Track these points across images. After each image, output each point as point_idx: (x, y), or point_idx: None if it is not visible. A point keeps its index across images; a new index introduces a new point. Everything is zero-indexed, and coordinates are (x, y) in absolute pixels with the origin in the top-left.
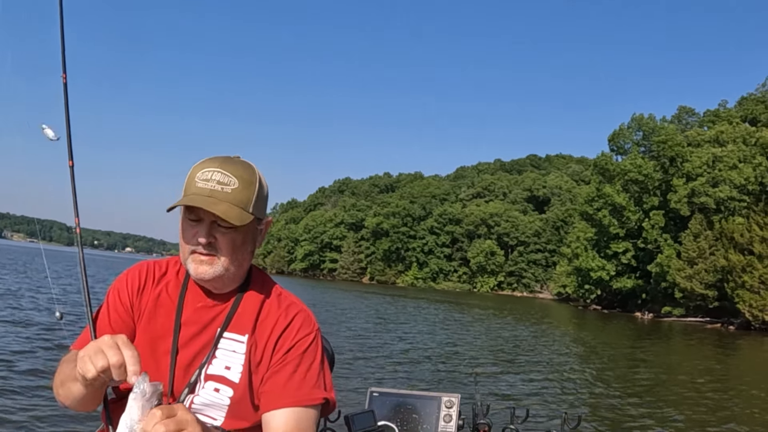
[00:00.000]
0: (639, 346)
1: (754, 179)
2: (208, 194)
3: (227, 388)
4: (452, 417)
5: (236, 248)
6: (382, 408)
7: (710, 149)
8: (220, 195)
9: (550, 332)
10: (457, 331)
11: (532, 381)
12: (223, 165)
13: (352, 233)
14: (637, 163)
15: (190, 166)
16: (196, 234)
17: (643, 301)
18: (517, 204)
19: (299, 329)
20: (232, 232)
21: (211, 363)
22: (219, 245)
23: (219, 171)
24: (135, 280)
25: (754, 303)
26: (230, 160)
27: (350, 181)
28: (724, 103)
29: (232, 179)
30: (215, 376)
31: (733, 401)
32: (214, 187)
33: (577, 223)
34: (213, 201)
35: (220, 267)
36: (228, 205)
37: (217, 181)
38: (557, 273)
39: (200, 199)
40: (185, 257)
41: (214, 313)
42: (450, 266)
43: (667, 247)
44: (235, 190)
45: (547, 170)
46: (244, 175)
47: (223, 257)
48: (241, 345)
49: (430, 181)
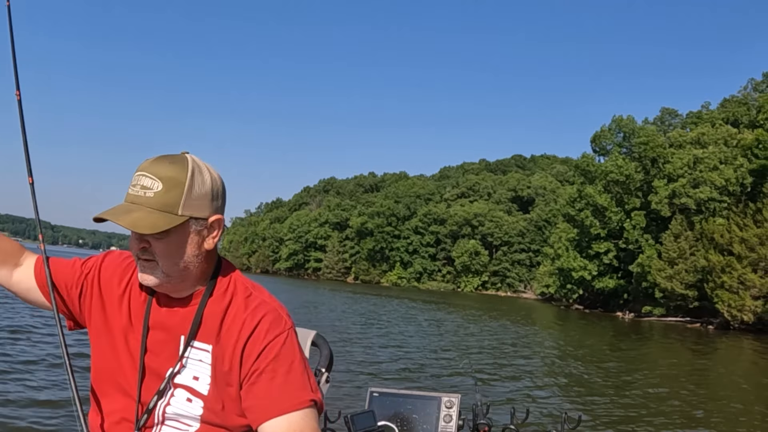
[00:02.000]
0: (621, 346)
1: (735, 180)
2: (132, 200)
3: (198, 400)
4: (452, 417)
5: (172, 253)
6: (382, 408)
7: (692, 150)
8: (141, 200)
9: (537, 332)
10: (450, 331)
11: (530, 381)
12: (151, 167)
13: (336, 233)
14: (619, 164)
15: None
16: (132, 240)
17: (624, 301)
18: (501, 204)
19: (267, 332)
20: (164, 236)
21: (179, 372)
22: (154, 250)
23: (145, 174)
24: (110, 264)
25: (733, 303)
26: (162, 160)
27: (335, 181)
28: (707, 104)
29: (156, 182)
30: (184, 386)
31: (709, 402)
32: (138, 193)
33: (560, 223)
34: (125, 210)
35: (160, 273)
36: (145, 211)
37: (141, 186)
38: (540, 273)
39: (112, 211)
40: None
41: (180, 318)
42: (434, 266)
43: (648, 247)
44: (158, 194)
45: (531, 170)
46: (171, 176)
47: (161, 263)
48: (207, 354)
49: (415, 181)
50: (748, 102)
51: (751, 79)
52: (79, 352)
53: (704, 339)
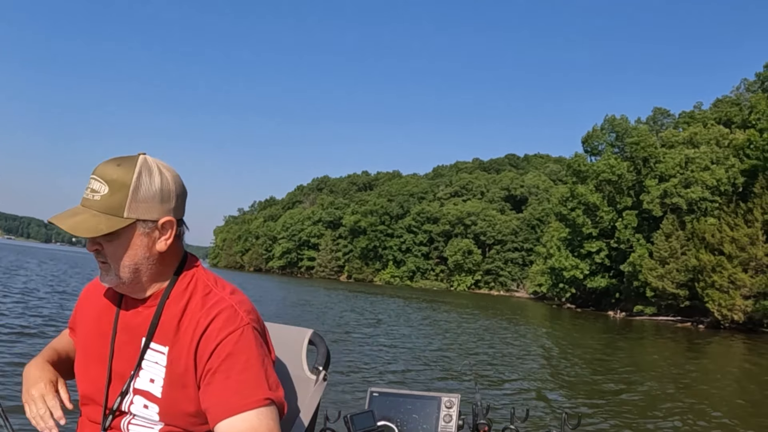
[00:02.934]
0: (615, 345)
1: (727, 180)
2: (82, 203)
3: (153, 405)
4: (452, 417)
5: (120, 255)
6: (381, 408)
7: (683, 150)
8: (89, 203)
9: (532, 331)
10: (448, 330)
11: (529, 380)
12: (100, 170)
13: (330, 231)
14: (611, 164)
15: (167, 161)
16: (87, 243)
17: (616, 300)
18: (494, 203)
19: (221, 329)
20: (112, 239)
21: (138, 375)
22: (105, 252)
23: (95, 178)
24: (83, 297)
25: (723, 302)
26: (110, 162)
27: (329, 179)
28: (699, 104)
29: (103, 185)
30: (142, 390)
31: (701, 402)
32: (87, 196)
33: (553, 222)
34: (72, 213)
35: (113, 275)
36: (90, 214)
37: (90, 189)
38: (533, 272)
39: (59, 215)
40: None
41: (140, 320)
42: (427, 265)
43: (640, 246)
44: (104, 197)
45: (525, 170)
46: (116, 178)
47: (112, 265)
48: (162, 356)
49: (408, 179)
50: (741, 102)
51: (743, 80)
52: None
53: (695, 338)
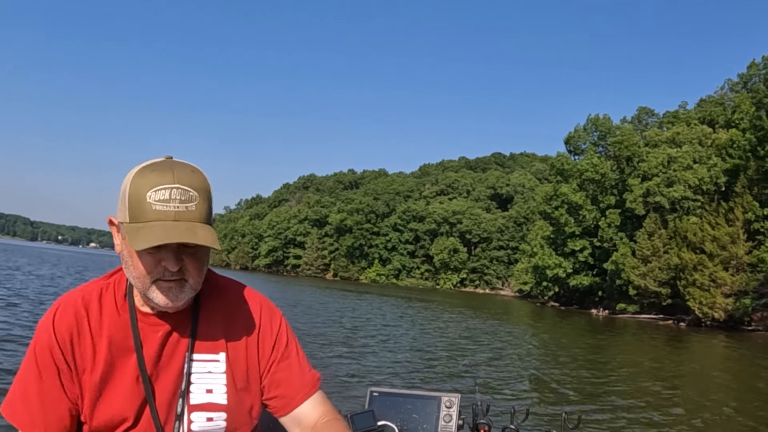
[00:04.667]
0: (597, 345)
1: (709, 180)
2: (174, 218)
3: (219, 413)
4: (452, 417)
5: (202, 268)
6: (382, 408)
7: (666, 150)
8: (186, 216)
9: (523, 330)
10: (442, 329)
11: (526, 380)
12: (178, 178)
13: (315, 229)
14: (594, 163)
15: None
16: (160, 261)
17: (599, 299)
18: (480, 201)
19: (271, 322)
20: (200, 251)
21: (190, 392)
22: (187, 267)
23: (177, 187)
24: (65, 333)
25: (704, 300)
26: (179, 168)
27: (315, 178)
28: (684, 104)
29: (193, 193)
30: (200, 405)
31: (682, 399)
32: (178, 208)
33: (538, 221)
34: (188, 228)
35: (189, 290)
36: (203, 228)
37: (179, 201)
38: (518, 270)
39: (176, 233)
40: (146, 287)
41: (176, 336)
42: (413, 263)
43: (623, 245)
44: (198, 206)
45: (511, 168)
46: (201, 186)
47: (192, 279)
48: (217, 364)
49: (394, 178)
50: (725, 102)
51: (727, 80)
52: None
53: (676, 336)
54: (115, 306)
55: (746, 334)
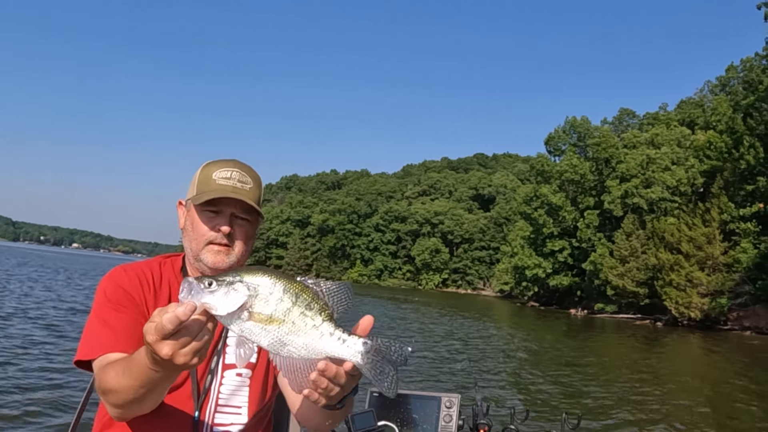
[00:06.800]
0: (579, 345)
1: (686, 181)
2: (232, 190)
3: (247, 370)
4: (452, 417)
5: (249, 239)
6: (382, 408)
7: (645, 151)
8: (241, 192)
9: (500, 331)
10: (424, 329)
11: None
12: (238, 166)
13: (298, 230)
14: (573, 164)
15: (135, 160)
16: (216, 224)
17: (579, 298)
18: (462, 202)
19: None
20: (247, 224)
21: (225, 352)
22: (236, 236)
23: (237, 171)
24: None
25: (681, 300)
26: (240, 162)
27: (297, 178)
28: (665, 105)
29: (249, 178)
30: (232, 364)
31: (658, 399)
32: (236, 185)
33: (519, 221)
34: (241, 194)
35: (234, 257)
36: (253, 201)
37: (237, 180)
38: (499, 270)
39: (231, 191)
40: (199, 248)
41: None
42: (395, 263)
43: (601, 246)
44: (252, 189)
45: (494, 169)
46: (256, 176)
47: (238, 248)
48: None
49: (377, 178)
50: (704, 104)
51: (707, 82)
52: None
53: (653, 336)
54: (173, 274)
55: (722, 334)
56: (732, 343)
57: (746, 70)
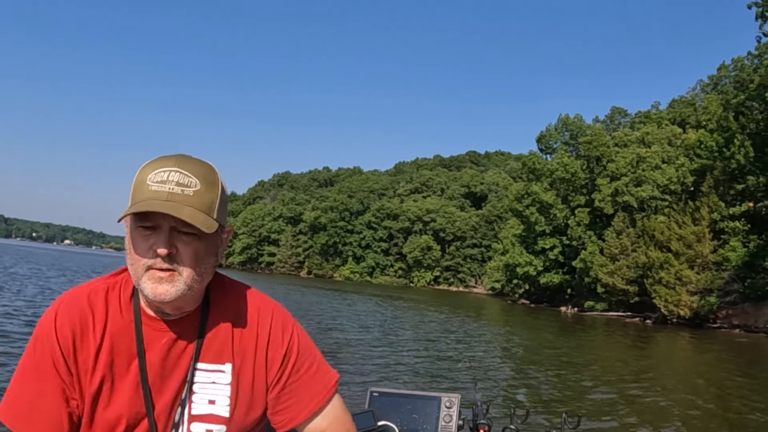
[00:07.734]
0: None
1: (677, 179)
2: (167, 198)
3: (220, 426)
4: (452, 417)
5: (200, 260)
6: (382, 408)
7: (635, 149)
8: (180, 198)
9: (493, 329)
10: (429, 329)
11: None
12: (180, 163)
13: (290, 227)
14: (564, 162)
15: (129, 159)
16: (152, 245)
17: (569, 296)
18: (454, 200)
19: (283, 333)
20: (195, 240)
21: (192, 401)
22: (180, 257)
23: (177, 171)
24: (68, 334)
25: (670, 298)
26: (186, 158)
27: (289, 175)
28: (657, 104)
29: (193, 179)
30: (201, 415)
31: (649, 397)
32: (173, 189)
33: (510, 219)
34: (173, 205)
35: (182, 284)
36: (191, 209)
37: (175, 183)
38: (490, 268)
39: (158, 203)
40: (139, 275)
41: (181, 343)
42: (387, 261)
43: (591, 243)
44: (197, 193)
45: (486, 167)
46: (206, 175)
47: (186, 271)
48: (222, 375)
49: (369, 176)
50: (696, 103)
51: (699, 80)
52: None
53: (643, 334)
54: (120, 307)
55: (711, 332)
56: (721, 341)
57: (738, 69)
